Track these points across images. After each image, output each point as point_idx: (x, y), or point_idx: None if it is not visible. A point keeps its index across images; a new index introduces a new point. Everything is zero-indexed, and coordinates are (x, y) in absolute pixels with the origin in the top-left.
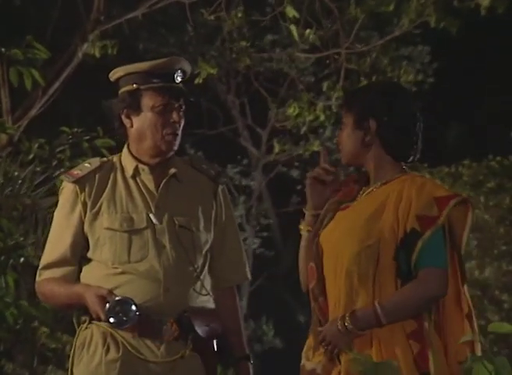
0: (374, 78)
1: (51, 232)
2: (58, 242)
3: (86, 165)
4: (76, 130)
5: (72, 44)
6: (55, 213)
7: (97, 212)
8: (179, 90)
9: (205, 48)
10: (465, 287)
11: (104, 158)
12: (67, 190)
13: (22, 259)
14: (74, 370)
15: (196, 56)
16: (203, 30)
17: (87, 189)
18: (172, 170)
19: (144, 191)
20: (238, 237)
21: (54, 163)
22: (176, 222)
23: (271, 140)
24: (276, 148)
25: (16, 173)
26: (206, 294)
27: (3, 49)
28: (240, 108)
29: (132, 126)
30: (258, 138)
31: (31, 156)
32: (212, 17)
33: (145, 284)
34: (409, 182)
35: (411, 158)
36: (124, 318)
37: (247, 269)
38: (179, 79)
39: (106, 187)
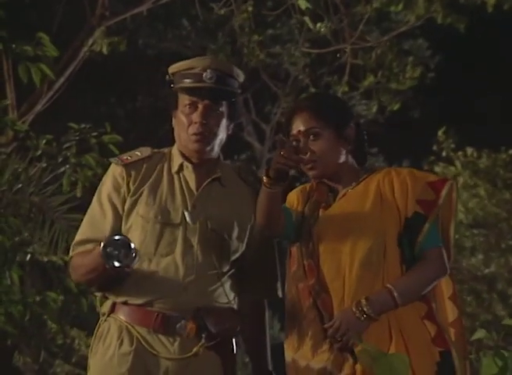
0: (380, 73)
1: (91, 209)
2: (98, 220)
3: (137, 153)
4: (83, 126)
5: (78, 39)
6: (98, 192)
7: (137, 200)
8: (206, 89)
9: (205, 43)
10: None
11: (156, 150)
12: (114, 172)
13: (28, 256)
14: (90, 361)
15: (197, 51)
16: (205, 25)
17: (133, 175)
18: (218, 173)
19: (184, 188)
20: (274, 252)
21: (60, 159)
22: (209, 225)
23: (275, 135)
24: None
25: (20, 170)
26: (226, 303)
27: (14, 46)
28: (244, 103)
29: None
30: (262, 133)
31: (39, 153)
32: (223, 11)
33: (164, 280)
34: (395, 172)
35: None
36: (116, 253)
37: (279, 287)
38: (208, 78)
39: (151, 177)
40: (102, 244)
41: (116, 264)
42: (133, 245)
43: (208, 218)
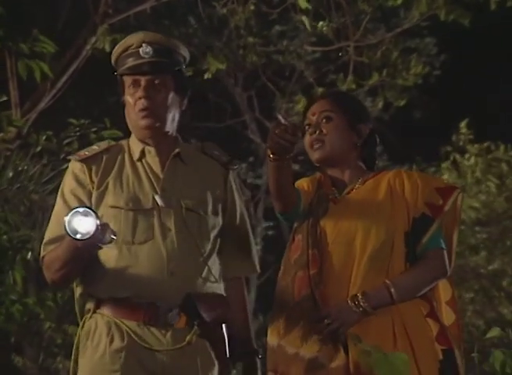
0: (384, 71)
1: (56, 209)
2: (63, 216)
3: (94, 147)
4: (83, 121)
5: (81, 37)
6: (60, 191)
7: (103, 191)
8: (145, 64)
9: (211, 41)
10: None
11: (113, 143)
12: (74, 168)
13: (29, 254)
14: (79, 361)
15: (202, 48)
16: (210, 22)
17: (93, 168)
18: (176, 150)
19: (149, 173)
20: (247, 226)
21: (62, 156)
22: (183, 205)
23: None
24: None
25: (25, 167)
26: (214, 282)
27: (10, 43)
28: (248, 101)
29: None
30: (266, 131)
31: (39, 149)
32: (225, 10)
33: (149, 268)
34: (405, 174)
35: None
36: (82, 225)
37: (256, 262)
38: (145, 53)
39: (113, 167)
40: (67, 219)
41: (78, 236)
42: (95, 217)
43: (180, 198)
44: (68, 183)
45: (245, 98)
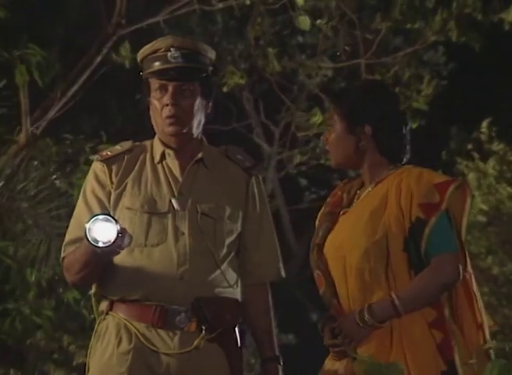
0: (397, 89)
1: (77, 209)
2: (85, 217)
3: (117, 147)
4: (81, 136)
5: (93, 47)
6: (82, 191)
7: (121, 193)
8: (173, 70)
9: (228, 54)
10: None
11: (137, 143)
12: (96, 168)
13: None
14: (90, 362)
15: (220, 62)
16: (227, 34)
17: (114, 169)
18: (199, 155)
19: (168, 176)
20: (273, 231)
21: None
22: (199, 209)
23: (284, 137)
24: (297, 159)
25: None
26: (227, 287)
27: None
28: (254, 104)
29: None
30: (271, 135)
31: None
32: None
33: (158, 271)
34: (406, 174)
35: (404, 159)
36: (101, 233)
37: (281, 266)
38: (173, 58)
39: (134, 168)
40: (87, 227)
41: (101, 244)
42: (116, 224)
43: (196, 202)
44: (89, 183)
45: (251, 101)
